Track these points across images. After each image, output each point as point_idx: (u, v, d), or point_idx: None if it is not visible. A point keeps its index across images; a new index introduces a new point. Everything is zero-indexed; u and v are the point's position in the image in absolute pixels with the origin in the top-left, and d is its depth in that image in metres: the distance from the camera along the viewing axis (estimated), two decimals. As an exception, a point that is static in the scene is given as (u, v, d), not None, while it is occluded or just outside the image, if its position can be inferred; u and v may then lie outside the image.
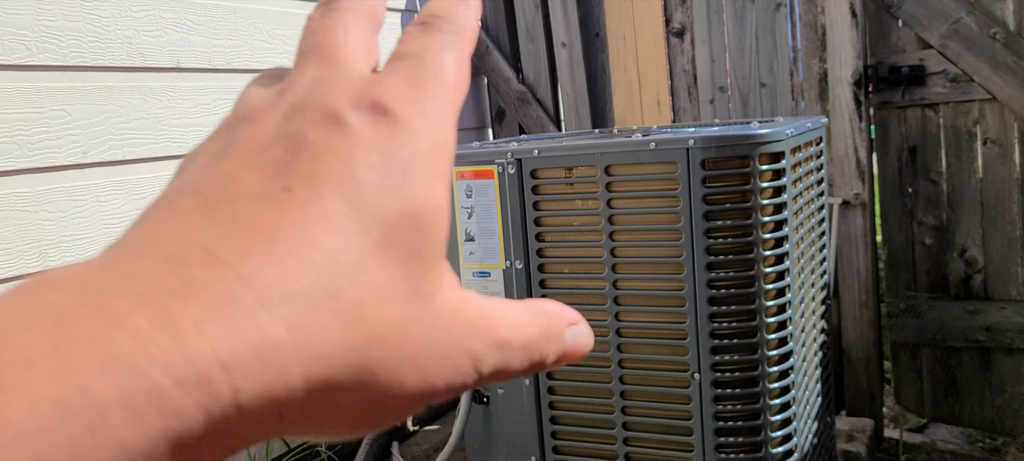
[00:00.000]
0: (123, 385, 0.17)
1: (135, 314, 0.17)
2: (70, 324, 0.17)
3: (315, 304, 0.20)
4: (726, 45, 2.60)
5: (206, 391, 0.18)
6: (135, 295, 0.18)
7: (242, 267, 0.19)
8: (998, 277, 2.44)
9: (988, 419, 2.52)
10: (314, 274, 0.20)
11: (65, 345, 0.17)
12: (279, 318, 0.19)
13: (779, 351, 1.48)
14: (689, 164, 1.42)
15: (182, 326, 0.18)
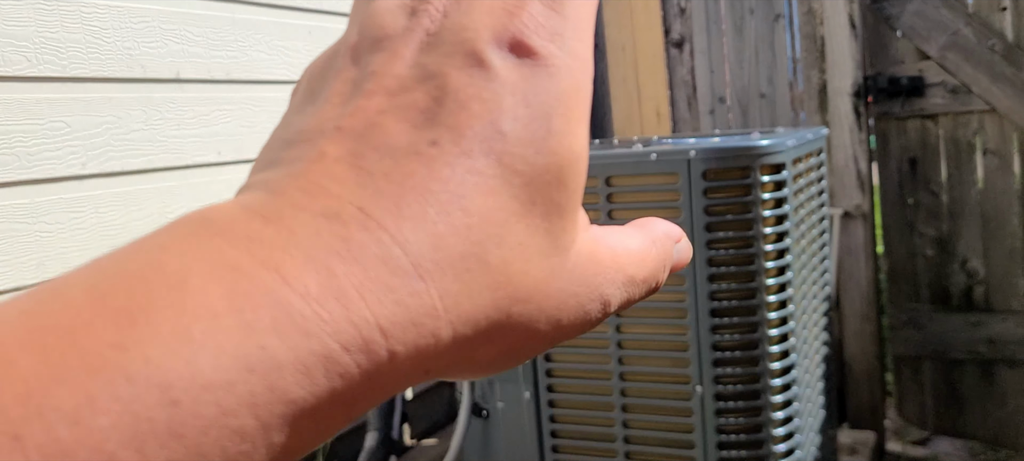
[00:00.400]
0: (297, 346, 0.17)
1: (303, 274, 0.18)
2: (243, 278, 0.17)
3: (467, 269, 0.20)
4: (725, 56, 2.60)
5: (367, 355, 0.18)
6: (300, 253, 0.18)
7: (397, 231, 0.19)
8: (999, 289, 2.43)
9: (991, 432, 2.51)
10: (466, 240, 0.20)
11: (240, 300, 0.17)
12: (433, 285, 0.19)
13: (781, 363, 1.47)
14: (690, 175, 1.42)
15: (346, 290, 0.18)
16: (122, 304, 0.16)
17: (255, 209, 0.19)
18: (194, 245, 0.18)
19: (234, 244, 0.18)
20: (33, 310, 0.16)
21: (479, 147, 0.21)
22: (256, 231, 0.19)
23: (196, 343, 0.16)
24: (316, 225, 0.19)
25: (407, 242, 0.19)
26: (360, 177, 0.20)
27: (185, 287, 0.17)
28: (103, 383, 0.15)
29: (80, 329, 0.16)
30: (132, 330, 0.16)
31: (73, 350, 0.15)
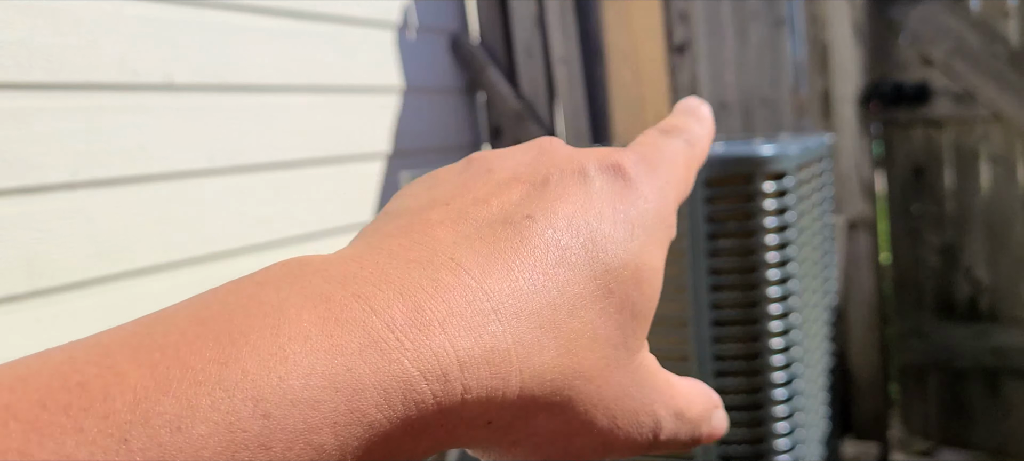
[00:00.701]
0: (380, 369, 0.19)
1: (391, 306, 0.20)
2: (335, 308, 0.19)
3: (540, 326, 0.22)
4: (728, 61, 2.57)
5: (443, 385, 0.20)
6: (390, 289, 0.20)
7: (484, 280, 0.22)
8: (1005, 298, 2.40)
9: (997, 443, 2.47)
10: (543, 300, 0.22)
11: (331, 326, 0.19)
12: (509, 331, 0.21)
13: (784, 374, 1.44)
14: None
15: (430, 322, 0.20)
16: (223, 328, 0.18)
17: (352, 256, 0.22)
18: (291, 280, 0.20)
19: (328, 280, 0.20)
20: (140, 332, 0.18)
21: (567, 228, 0.24)
22: (351, 271, 0.21)
23: (289, 362, 0.18)
24: (408, 268, 0.21)
25: (491, 290, 0.21)
26: (457, 237, 0.23)
27: (281, 314, 0.19)
28: (204, 394, 0.17)
29: (184, 347, 0.18)
30: (232, 349, 0.18)
31: (177, 365, 0.17)
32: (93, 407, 0.16)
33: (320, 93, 2.20)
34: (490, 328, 0.21)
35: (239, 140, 1.97)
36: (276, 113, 2.07)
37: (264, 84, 2.04)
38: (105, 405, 0.16)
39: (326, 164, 2.21)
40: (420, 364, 0.19)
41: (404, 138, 2.50)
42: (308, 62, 2.16)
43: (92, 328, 1.64)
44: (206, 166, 1.89)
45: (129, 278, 1.72)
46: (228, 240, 1.93)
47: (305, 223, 2.13)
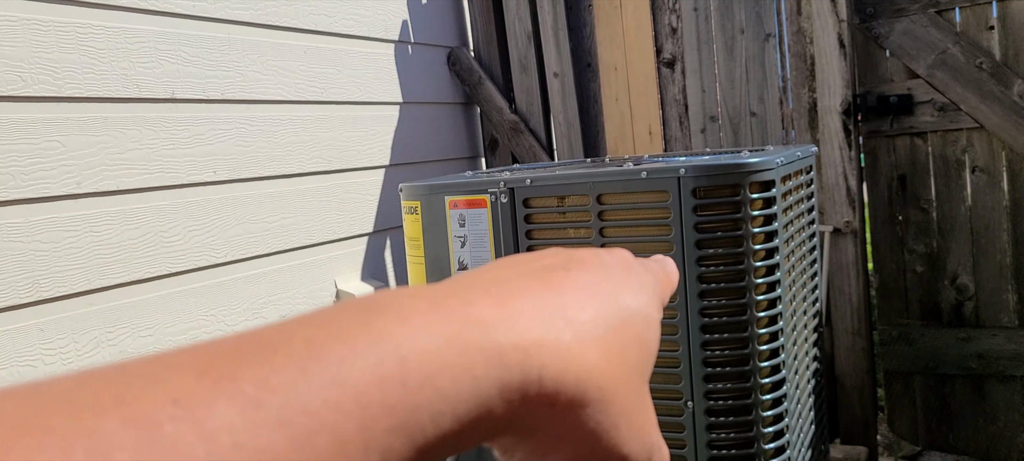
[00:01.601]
0: (481, 336, 0.25)
1: (481, 300, 0.26)
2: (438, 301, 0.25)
3: (588, 336, 0.28)
4: (716, 75, 2.62)
5: (527, 357, 0.25)
6: (477, 292, 0.27)
7: (542, 296, 0.28)
8: (989, 304, 2.45)
9: (982, 447, 2.52)
10: (586, 316, 0.29)
11: (441, 310, 0.25)
12: (568, 330, 0.27)
13: (772, 379, 1.48)
14: (680, 193, 1.43)
15: (514, 314, 0.26)
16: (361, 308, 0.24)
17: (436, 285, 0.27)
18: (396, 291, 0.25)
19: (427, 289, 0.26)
20: (295, 319, 0.23)
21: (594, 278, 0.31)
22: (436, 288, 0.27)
23: (416, 326, 0.24)
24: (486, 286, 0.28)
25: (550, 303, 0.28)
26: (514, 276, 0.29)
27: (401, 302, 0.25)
28: (360, 341, 0.22)
29: (336, 320, 0.23)
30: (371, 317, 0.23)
31: (335, 327, 0.23)
32: (278, 350, 0.21)
33: (321, 106, 2.24)
34: (557, 324, 0.27)
35: (241, 152, 2.01)
36: (277, 126, 2.11)
37: (266, 98, 2.09)
38: (287, 348, 0.22)
39: (327, 175, 2.25)
40: (509, 338, 0.25)
41: (403, 150, 2.54)
42: (309, 76, 2.20)
43: (96, 336, 1.67)
44: (209, 178, 1.93)
45: (133, 287, 1.75)
46: (231, 250, 1.96)
47: (307, 233, 2.17)
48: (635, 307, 0.31)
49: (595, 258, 0.33)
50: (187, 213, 1.87)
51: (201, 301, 1.89)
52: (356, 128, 2.37)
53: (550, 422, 0.27)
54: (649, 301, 0.33)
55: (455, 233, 1.65)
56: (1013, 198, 2.38)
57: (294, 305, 2.13)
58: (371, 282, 2.37)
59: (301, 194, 2.16)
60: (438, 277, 1.65)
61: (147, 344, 1.77)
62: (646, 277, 0.34)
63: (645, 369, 0.31)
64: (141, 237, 1.78)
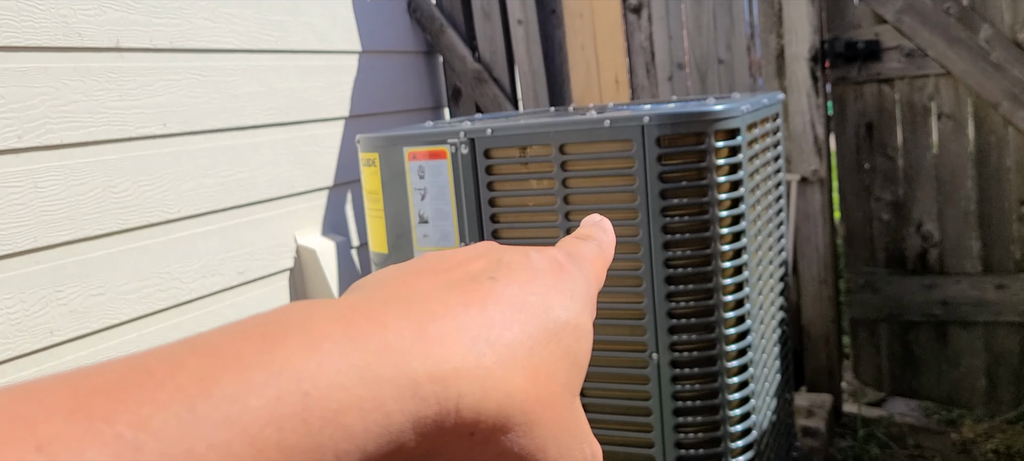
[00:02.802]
0: (395, 367, 0.23)
1: (399, 322, 0.24)
2: (354, 323, 0.23)
3: (512, 356, 0.26)
4: (684, 22, 2.58)
5: (444, 388, 0.24)
6: (397, 312, 0.25)
7: (464, 314, 0.26)
8: (953, 252, 2.46)
9: (945, 392, 2.55)
10: (511, 336, 0.27)
11: (354, 333, 0.23)
12: (490, 354, 0.26)
13: (737, 329, 1.46)
14: (644, 142, 1.40)
15: (430, 339, 0.24)
16: (266, 332, 0.22)
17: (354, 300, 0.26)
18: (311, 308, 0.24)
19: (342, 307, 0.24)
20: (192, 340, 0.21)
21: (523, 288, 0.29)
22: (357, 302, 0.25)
23: (324, 355, 0.22)
24: (406, 304, 0.26)
25: (473, 322, 0.26)
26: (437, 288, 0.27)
27: (312, 323, 0.23)
28: (256, 374, 0.20)
29: (234, 345, 0.21)
30: (276, 345, 0.21)
31: (231, 355, 0.21)
32: (164, 384, 0.19)
33: (276, 55, 2.17)
34: (478, 348, 0.25)
35: (193, 104, 1.94)
36: (230, 76, 2.04)
37: (217, 47, 2.01)
38: (173, 381, 0.19)
39: (284, 127, 2.19)
40: (425, 368, 0.23)
41: (363, 101, 2.48)
42: (263, 24, 2.13)
43: (44, 296, 1.61)
44: (159, 131, 1.86)
45: (78, 244, 1.69)
46: (184, 205, 1.90)
47: (265, 187, 2.11)
48: (565, 318, 0.30)
49: (524, 263, 0.31)
50: (136, 168, 1.81)
51: (154, 259, 1.83)
52: (314, 78, 2.30)
53: (470, 451, 0.26)
54: (581, 309, 0.31)
55: (415, 185, 1.60)
56: (978, 145, 2.38)
57: (253, 261, 2.08)
58: (332, 236, 2.32)
59: (257, 147, 2.10)
60: (398, 231, 1.61)
61: (98, 303, 1.71)
62: (578, 281, 0.32)
63: (575, 383, 0.30)
64: (88, 193, 1.71)
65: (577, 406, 0.30)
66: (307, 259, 2.21)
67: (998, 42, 2.25)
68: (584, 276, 0.33)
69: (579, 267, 0.33)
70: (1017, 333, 2.41)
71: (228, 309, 2.01)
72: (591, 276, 0.34)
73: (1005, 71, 2.25)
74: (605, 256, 0.37)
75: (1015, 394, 2.44)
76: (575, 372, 0.30)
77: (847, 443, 2.38)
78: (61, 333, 1.65)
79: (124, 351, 1.76)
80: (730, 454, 1.48)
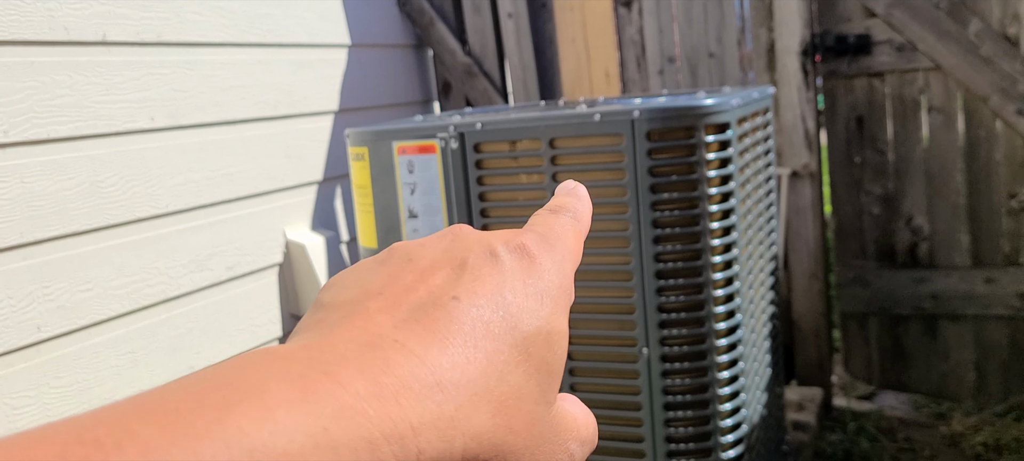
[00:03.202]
0: (350, 432, 0.22)
1: (354, 381, 0.23)
2: (309, 384, 0.22)
3: (475, 394, 0.26)
4: (674, 15, 2.57)
5: (401, 446, 0.23)
6: (351, 368, 0.24)
7: (425, 356, 0.25)
8: (943, 245, 2.46)
9: (934, 385, 2.56)
10: (476, 370, 0.26)
11: (309, 396, 0.22)
12: (451, 400, 0.25)
13: (727, 323, 1.46)
14: (634, 136, 1.39)
15: (387, 395, 0.23)
16: (218, 397, 0.21)
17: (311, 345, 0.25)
18: (267, 363, 0.23)
19: (299, 362, 0.23)
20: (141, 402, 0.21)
21: (488, 305, 0.28)
22: (314, 355, 0.24)
23: (277, 423, 0.21)
24: (362, 351, 0.25)
25: (433, 364, 0.25)
26: (396, 322, 0.26)
27: (266, 387, 0.22)
28: (207, 446, 0.19)
29: (185, 412, 0.20)
30: (227, 412, 0.20)
31: (181, 424, 0.20)
32: (109, 457, 0.18)
33: (265, 49, 2.16)
34: (436, 398, 0.24)
35: (181, 98, 1.93)
36: (218, 70, 2.03)
37: (205, 40, 2.00)
38: (120, 454, 0.19)
39: (273, 122, 2.18)
40: (382, 429, 0.23)
41: (352, 95, 2.47)
42: (251, 17, 2.11)
43: (31, 292, 1.60)
44: (147, 125, 1.85)
45: (66, 240, 1.68)
46: (173, 200, 1.89)
47: (254, 182, 2.10)
48: (535, 328, 0.29)
49: (490, 264, 0.29)
50: (124, 162, 1.80)
51: (143, 254, 1.82)
52: (303, 72, 2.29)
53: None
54: (553, 310, 0.30)
55: (404, 180, 1.60)
56: (968, 139, 2.38)
57: (242, 256, 2.07)
58: (321, 231, 2.31)
59: (246, 141, 2.09)
60: (387, 226, 1.60)
61: (86, 299, 1.70)
62: (550, 272, 0.30)
63: (549, 393, 0.29)
64: (75, 187, 1.70)
65: (555, 411, 0.29)
66: (296, 254, 2.21)
67: (988, 36, 2.25)
68: (558, 261, 0.31)
69: (552, 251, 0.32)
70: (1006, 326, 2.42)
71: (217, 304, 2.00)
72: (566, 257, 0.32)
73: (994, 65, 2.25)
74: (580, 228, 0.35)
75: (1004, 387, 2.45)
76: (549, 381, 0.29)
77: (837, 437, 2.39)
78: (49, 329, 1.64)
79: (112, 347, 1.75)
80: (720, 448, 1.48)
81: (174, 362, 1.89)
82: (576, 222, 0.35)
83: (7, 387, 1.57)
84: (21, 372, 1.59)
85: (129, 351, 1.79)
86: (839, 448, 2.32)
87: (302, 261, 2.20)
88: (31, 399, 1.61)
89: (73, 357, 1.68)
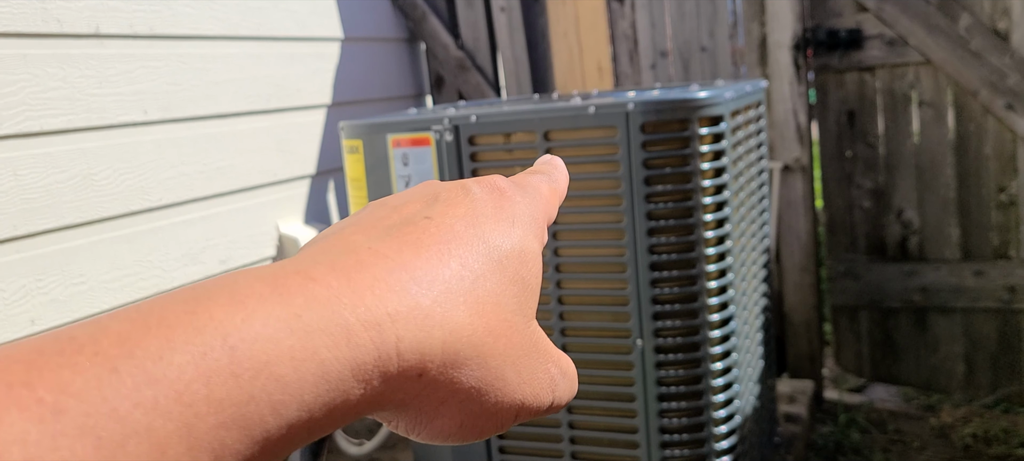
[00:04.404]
0: (324, 317, 0.22)
1: (327, 276, 0.24)
2: (280, 278, 0.23)
3: (451, 292, 0.26)
4: (666, 9, 2.58)
5: (379, 333, 0.23)
6: (325, 265, 0.24)
7: (398, 257, 0.26)
8: (933, 239, 2.48)
9: (924, 378, 2.57)
10: (450, 272, 0.27)
11: (280, 288, 0.23)
12: (426, 294, 0.25)
13: (721, 315, 1.47)
14: (629, 129, 1.40)
15: (361, 287, 0.24)
16: (189, 294, 0.22)
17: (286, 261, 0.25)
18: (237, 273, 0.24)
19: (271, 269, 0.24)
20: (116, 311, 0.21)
21: (461, 224, 0.29)
22: (285, 263, 0.25)
23: (249, 310, 0.22)
24: (335, 254, 0.25)
25: (406, 264, 0.26)
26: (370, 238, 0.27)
27: (236, 283, 0.23)
28: (179, 332, 0.20)
29: (157, 308, 0.21)
30: (198, 304, 0.21)
31: (153, 316, 0.21)
32: (84, 349, 0.19)
33: (257, 42, 2.15)
34: (411, 291, 0.25)
35: (173, 91, 1.92)
36: (211, 63, 2.02)
37: (197, 33, 1.99)
38: (94, 345, 0.19)
39: (265, 115, 2.17)
40: (357, 315, 0.23)
41: (345, 89, 2.46)
42: (243, 11, 2.11)
43: (24, 284, 1.59)
44: (140, 119, 1.84)
45: (61, 233, 1.67)
46: (165, 194, 1.89)
47: (246, 175, 2.10)
48: (508, 246, 0.29)
49: (462, 195, 0.31)
50: (117, 155, 1.79)
51: (135, 247, 1.82)
52: (295, 65, 2.28)
53: (424, 392, 0.26)
54: (525, 233, 0.31)
55: (399, 173, 1.60)
56: (958, 133, 2.40)
57: (234, 250, 2.07)
58: (314, 225, 2.31)
59: (238, 134, 2.09)
60: (382, 218, 1.60)
61: (79, 292, 1.70)
62: (520, 204, 0.32)
63: (528, 307, 0.30)
64: (68, 180, 1.69)
65: (533, 328, 0.30)
66: (289, 247, 2.20)
67: (977, 30, 2.27)
68: (529, 201, 0.32)
69: (524, 193, 0.33)
70: (995, 319, 2.44)
71: (210, 298, 2.00)
72: (539, 202, 0.33)
73: (984, 59, 2.27)
74: (557, 189, 0.36)
75: (992, 379, 2.47)
76: (526, 296, 0.30)
77: (828, 428, 2.40)
78: (42, 322, 1.63)
79: (105, 340, 1.75)
80: (713, 439, 1.49)
81: (167, 356, 1.89)
82: (552, 183, 0.36)
83: (0, 380, 1.56)
84: (14, 365, 1.59)
85: (122, 344, 1.78)
86: (830, 440, 2.34)
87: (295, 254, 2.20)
88: (24, 392, 1.60)
89: (66, 350, 1.68)
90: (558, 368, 0.31)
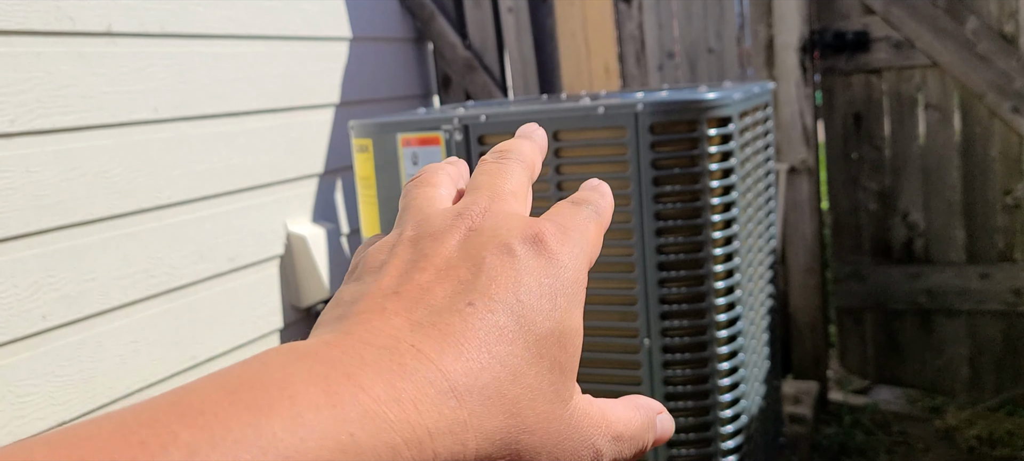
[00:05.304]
0: (374, 437, 0.23)
1: (374, 385, 0.24)
2: (332, 385, 0.24)
3: (488, 398, 0.26)
4: (674, 11, 2.59)
5: (419, 450, 0.24)
6: (370, 371, 0.25)
7: (440, 362, 0.26)
8: (939, 241, 2.49)
9: (929, 380, 2.58)
10: (490, 375, 0.27)
11: (334, 400, 0.23)
12: (465, 405, 0.26)
13: (727, 316, 1.48)
14: (637, 129, 1.41)
15: (404, 400, 0.24)
16: (250, 398, 0.22)
17: (332, 343, 0.26)
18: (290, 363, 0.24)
19: (320, 363, 0.24)
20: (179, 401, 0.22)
21: (503, 309, 0.28)
22: (335, 356, 0.25)
23: (307, 427, 0.22)
24: (379, 354, 0.26)
25: (447, 371, 0.26)
26: (412, 326, 0.27)
27: (293, 388, 0.23)
28: (243, 450, 0.21)
29: (221, 413, 0.21)
30: (261, 415, 0.22)
31: (220, 427, 0.21)
32: (155, 458, 0.20)
33: (267, 41, 2.17)
34: (450, 404, 0.25)
35: (184, 90, 1.94)
36: (222, 62, 2.04)
37: (209, 32, 2.01)
38: (165, 456, 0.20)
39: (275, 114, 2.19)
40: (403, 434, 0.24)
41: (353, 88, 2.48)
42: (253, 10, 2.12)
43: (36, 280, 1.61)
44: (151, 116, 1.86)
45: (70, 230, 1.69)
46: (176, 191, 1.90)
47: (255, 174, 2.11)
48: (548, 329, 0.29)
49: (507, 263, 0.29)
50: (129, 153, 1.81)
51: (146, 244, 1.83)
52: (304, 64, 2.30)
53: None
54: (567, 309, 0.30)
55: (408, 172, 1.61)
56: (964, 135, 2.40)
57: (244, 248, 2.08)
58: (322, 223, 2.32)
59: (248, 133, 2.10)
60: (391, 218, 1.61)
61: (90, 288, 1.71)
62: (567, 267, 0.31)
63: (566, 391, 0.30)
64: (80, 178, 1.71)
65: (573, 408, 0.30)
66: (297, 246, 2.22)
67: (984, 34, 2.28)
68: (575, 256, 0.31)
69: (570, 243, 0.32)
70: (1000, 322, 2.44)
71: (219, 295, 2.01)
72: (584, 251, 0.32)
73: (991, 63, 2.27)
74: (601, 221, 0.35)
75: (997, 381, 2.48)
76: (564, 380, 0.29)
77: (833, 430, 2.41)
78: (53, 318, 1.65)
79: (115, 337, 1.76)
80: (720, 438, 1.50)
81: (176, 352, 1.90)
82: (597, 216, 0.35)
83: (13, 375, 1.58)
84: (26, 361, 1.60)
85: (132, 341, 1.80)
86: (835, 441, 2.34)
87: (303, 253, 2.22)
88: (36, 387, 1.62)
89: (77, 346, 1.69)
90: (607, 436, 0.31)
